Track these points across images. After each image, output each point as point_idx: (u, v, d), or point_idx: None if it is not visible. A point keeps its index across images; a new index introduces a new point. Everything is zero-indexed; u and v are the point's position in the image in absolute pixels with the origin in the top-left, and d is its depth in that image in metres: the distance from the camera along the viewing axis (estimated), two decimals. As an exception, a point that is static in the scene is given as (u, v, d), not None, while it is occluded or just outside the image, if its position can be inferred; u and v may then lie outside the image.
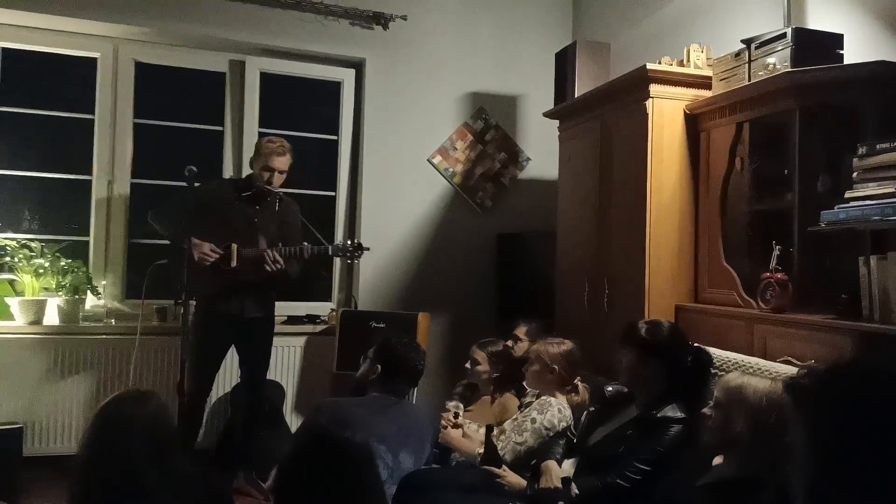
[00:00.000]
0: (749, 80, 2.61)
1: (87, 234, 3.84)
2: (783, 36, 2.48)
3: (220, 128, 4.06)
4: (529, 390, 2.79)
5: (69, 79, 3.96)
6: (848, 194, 2.19)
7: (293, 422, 3.89)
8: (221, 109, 4.09)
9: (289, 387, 3.94)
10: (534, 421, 2.54)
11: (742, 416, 1.76)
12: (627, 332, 2.31)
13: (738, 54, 2.70)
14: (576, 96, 3.48)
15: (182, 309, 2.84)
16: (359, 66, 4.25)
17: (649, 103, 2.88)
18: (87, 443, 1.74)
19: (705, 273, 2.83)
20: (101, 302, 3.77)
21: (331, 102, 4.31)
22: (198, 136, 4.09)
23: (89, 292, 3.66)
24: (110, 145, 3.88)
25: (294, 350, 4.00)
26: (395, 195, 4.20)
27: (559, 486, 2.19)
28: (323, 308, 4.21)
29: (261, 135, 4.10)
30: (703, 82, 2.92)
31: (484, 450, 2.45)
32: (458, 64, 4.33)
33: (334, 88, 4.30)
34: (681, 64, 3.03)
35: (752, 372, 2.07)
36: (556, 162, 3.70)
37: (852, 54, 2.47)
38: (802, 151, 2.39)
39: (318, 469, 1.41)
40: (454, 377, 3.46)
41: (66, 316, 3.61)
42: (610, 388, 2.45)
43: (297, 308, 4.14)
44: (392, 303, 4.16)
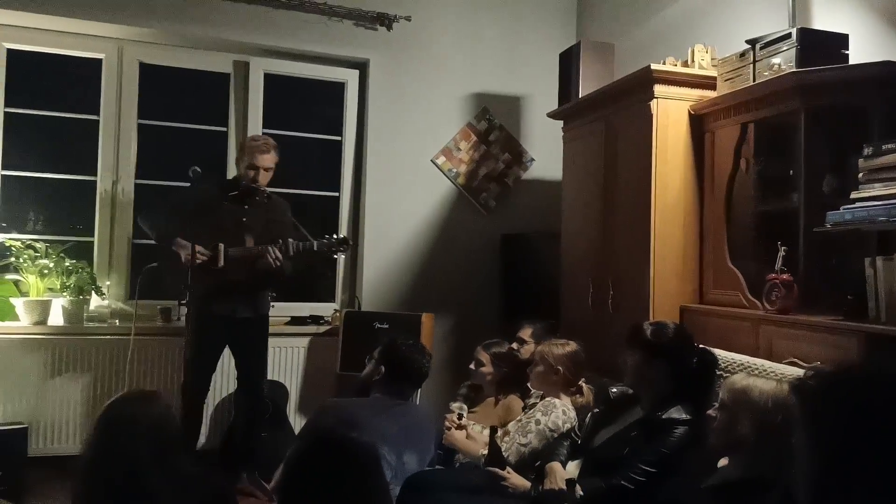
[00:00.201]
0: (754, 81, 2.60)
1: (92, 234, 3.85)
2: (788, 36, 2.47)
3: (224, 129, 4.07)
4: (534, 391, 2.78)
5: (74, 80, 3.97)
6: (854, 195, 2.18)
7: (296, 422, 3.89)
8: (225, 110, 4.10)
9: (292, 387, 3.94)
10: (538, 422, 2.53)
11: (747, 418, 1.76)
12: (632, 333, 2.31)
13: (742, 55, 2.69)
14: (580, 97, 3.48)
15: (186, 309, 2.84)
16: (363, 67, 4.25)
17: (654, 104, 2.88)
18: (92, 443, 1.74)
19: (710, 274, 2.83)
20: (106, 302, 3.78)
21: (334, 103, 4.31)
22: (202, 137, 4.10)
23: (94, 293, 3.67)
24: (115, 146, 3.88)
25: (298, 351, 4.00)
26: (398, 196, 4.20)
27: (563, 487, 2.18)
28: (326, 309, 4.21)
29: (264, 135, 4.12)
30: (707, 83, 2.91)
31: (488, 451, 2.45)
32: (462, 64, 4.33)
33: (338, 89, 4.30)
34: (685, 64, 3.02)
35: (758, 373, 2.06)
36: (560, 162, 3.69)
37: (858, 54, 2.46)
38: (808, 152, 2.38)
39: (323, 469, 1.41)
40: (458, 378, 3.46)
41: (71, 316, 3.61)
42: (615, 390, 2.45)
43: (301, 309, 4.14)
44: (395, 303, 4.15)
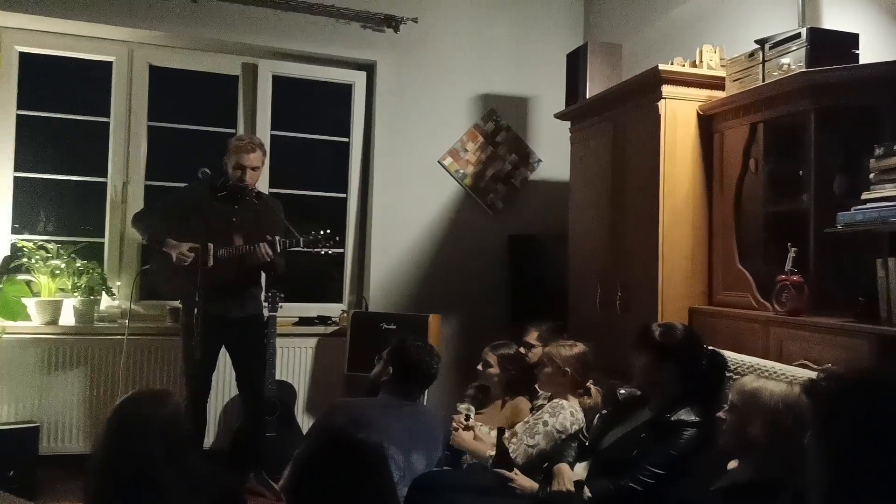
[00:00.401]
0: (763, 81, 2.59)
1: (102, 235, 3.88)
2: (798, 36, 2.46)
3: (233, 130, 4.09)
4: (541, 393, 2.78)
5: (85, 82, 4.00)
6: (865, 195, 2.17)
7: (304, 422, 3.90)
8: (234, 112, 4.12)
9: (300, 387, 3.94)
10: (546, 423, 2.53)
11: (758, 420, 1.75)
12: (641, 334, 2.30)
13: (751, 55, 2.68)
14: (587, 97, 3.47)
15: (196, 310, 2.87)
16: (370, 69, 4.26)
17: (662, 104, 2.87)
18: (103, 442, 1.75)
19: (719, 275, 2.82)
20: (116, 303, 3.80)
21: (342, 105, 4.32)
22: (211, 139, 4.11)
23: (104, 293, 3.69)
24: (125, 148, 3.91)
25: (305, 351, 4.01)
26: (405, 197, 4.21)
27: (572, 489, 2.18)
28: (334, 309, 4.22)
29: (273, 137, 4.15)
30: (716, 83, 2.90)
31: (495, 452, 2.45)
32: (469, 65, 4.33)
33: (345, 91, 4.32)
34: (693, 65, 3.01)
35: (768, 375, 2.05)
36: (568, 163, 3.69)
37: (868, 54, 2.44)
38: (818, 152, 2.37)
39: (331, 469, 1.41)
40: (466, 379, 3.45)
41: (82, 316, 3.64)
42: (623, 391, 2.44)
43: (309, 309, 4.16)
44: (403, 304, 4.16)
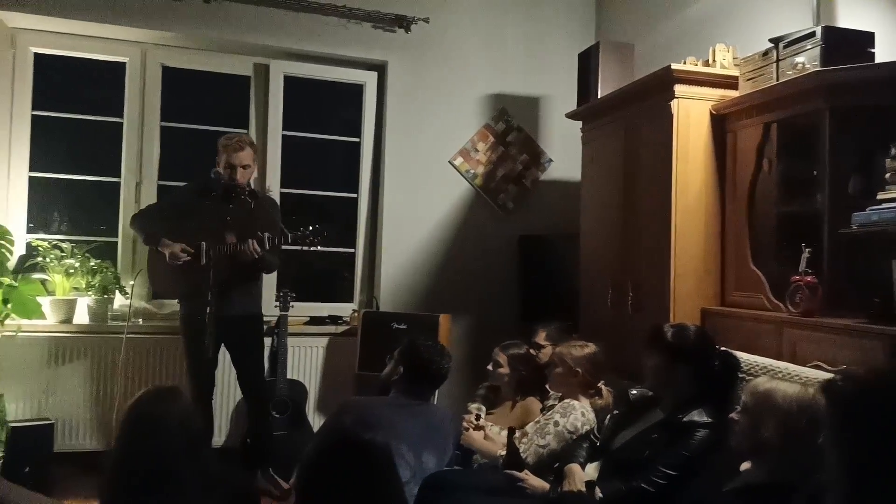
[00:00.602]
0: (777, 80, 2.57)
1: (116, 235, 3.91)
2: (812, 35, 2.44)
3: (245, 130, 4.10)
4: (552, 393, 2.77)
5: (98, 83, 4.03)
6: (880, 195, 2.15)
7: (315, 421, 3.91)
8: (246, 112, 4.14)
9: (311, 387, 3.96)
10: (556, 424, 2.52)
11: (771, 422, 1.74)
12: (653, 335, 2.29)
13: (765, 53, 2.66)
14: (599, 97, 3.46)
15: (209, 308, 2.89)
16: (381, 69, 4.27)
17: (674, 104, 2.85)
18: (119, 439, 1.77)
19: (732, 276, 2.80)
20: (129, 301, 3.83)
21: (353, 105, 4.34)
22: (223, 139, 4.14)
23: (117, 292, 3.73)
24: (138, 148, 3.94)
25: (317, 350, 4.03)
26: (416, 197, 4.21)
27: (583, 489, 2.18)
28: (345, 309, 4.23)
29: (284, 137, 4.17)
30: (729, 82, 2.88)
31: (506, 452, 2.45)
32: (480, 65, 4.32)
33: (356, 91, 4.33)
34: (706, 64, 2.99)
35: (782, 377, 2.04)
36: (579, 163, 3.68)
37: (884, 53, 2.42)
38: (833, 152, 2.35)
39: (338, 469, 1.42)
40: (476, 379, 3.46)
41: (96, 315, 3.68)
42: (634, 392, 2.43)
43: (320, 309, 4.17)
44: (413, 304, 4.17)
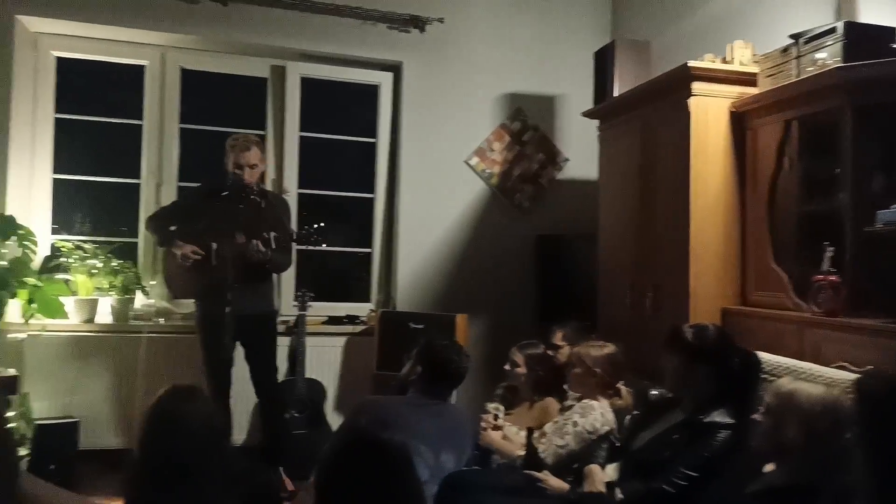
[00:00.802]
0: (797, 77, 2.54)
1: (137, 235, 3.96)
2: (833, 30, 2.41)
3: (262, 132, 4.13)
4: (571, 393, 2.76)
5: (119, 86, 4.09)
6: (904, 193, 2.12)
7: (334, 421, 3.93)
8: (263, 114, 4.17)
9: (330, 386, 3.98)
10: (575, 424, 2.52)
11: (794, 423, 1.73)
12: (672, 336, 2.27)
13: (785, 50, 2.63)
14: (616, 95, 3.45)
15: (228, 308, 2.92)
16: (396, 70, 4.28)
17: (692, 101, 2.83)
18: (142, 437, 1.79)
19: (753, 275, 2.77)
20: (151, 301, 3.88)
21: (369, 106, 4.35)
22: (241, 140, 4.17)
23: (139, 292, 3.77)
24: (158, 150, 3.99)
25: (334, 350, 4.05)
26: (432, 197, 4.22)
27: (603, 490, 2.17)
28: (362, 309, 4.25)
29: (301, 139, 4.19)
30: (748, 79, 2.85)
31: (525, 452, 2.44)
32: (496, 65, 4.32)
33: (372, 92, 4.34)
34: (724, 61, 2.97)
35: (805, 377, 2.02)
36: (596, 162, 3.67)
37: (907, 49, 2.38)
38: (855, 149, 2.32)
39: (356, 469, 1.43)
40: (494, 379, 3.45)
41: (118, 315, 3.73)
42: (654, 392, 2.42)
43: (337, 309, 4.19)
44: (430, 304, 4.17)
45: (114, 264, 3.72)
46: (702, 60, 2.94)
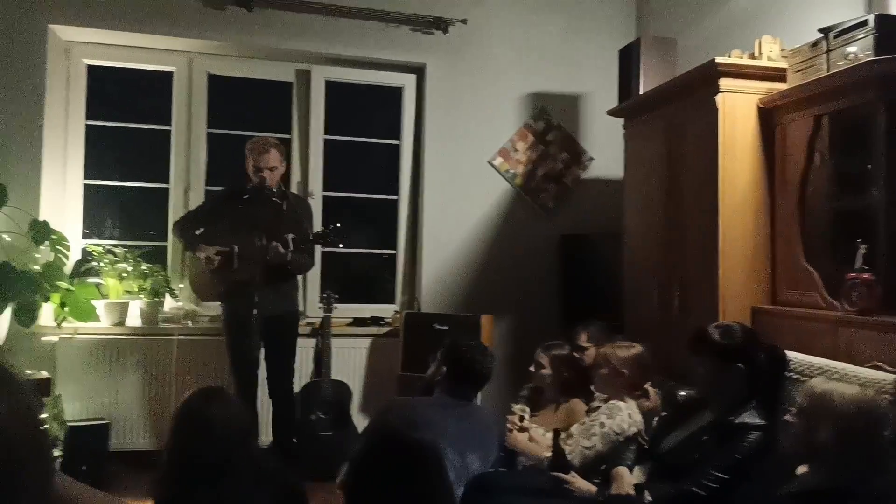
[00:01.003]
0: (828, 72, 2.49)
1: (165, 239, 4.02)
2: (864, 23, 2.35)
3: (288, 136, 4.17)
4: (597, 395, 2.74)
5: (147, 92, 4.16)
6: (940, 189, 2.07)
7: (360, 422, 3.94)
8: (289, 117, 4.21)
9: (355, 388, 4.00)
10: (602, 425, 2.49)
11: (828, 424, 1.69)
12: (698, 338, 2.22)
13: (815, 44, 2.58)
14: (641, 93, 3.41)
15: (255, 311, 2.95)
16: (420, 71, 4.29)
17: (719, 98, 2.80)
18: (171, 438, 1.82)
19: (783, 274, 2.72)
20: (179, 304, 3.94)
21: (393, 108, 4.37)
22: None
23: (167, 295, 3.83)
24: (186, 154, 4.05)
25: (359, 352, 4.06)
26: (456, 198, 4.22)
27: (632, 492, 2.14)
28: (387, 310, 4.26)
29: (326, 142, 4.23)
30: (776, 75, 2.81)
31: (552, 454, 2.43)
32: (519, 65, 4.31)
33: (396, 94, 4.36)
34: (752, 57, 2.92)
35: (839, 378, 1.97)
36: (621, 161, 3.63)
37: (942, 40, 2.32)
38: (887, 144, 2.26)
39: (388, 468, 1.43)
40: (519, 380, 3.44)
41: (147, 317, 3.79)
42: (682, 393, 2.39)
43: (362, 310, 4.21)
44: (454, 305, 4.17)
45: (143, 268, 3.78)
46: (729, 56, 2.90)
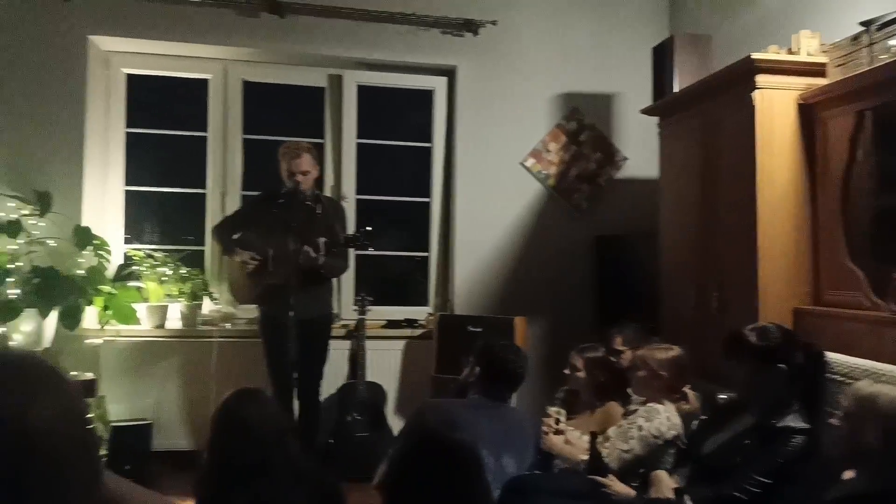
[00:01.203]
0: (870, 66, 2.42)
1: (203, 243, 4.10)
2: (909, 15, 2.29)
3: (321, 140, 4.22)
4: (635, 397, 2.70)
5: (184, 100, 4.25)
6: None
7: (395, 424, 3.96)
8: (321, 122, 4.25)
9: (390, 389, 4.01)
10: (640, 428, 2.46)
11: (875, 427, 1.65)
12: (735, 342, 2.17)
13: (856, 38, 2.52)
14: (676, 91, 3.37)
15: (292, 312, 2.99)
16: (450, 74, 4.30)
17: (757, 95, 2.74)
18: (212, 439, 1.86)
19: (826, 274, 2.66)
20: (218, 307, 4.01)
21: (424, 110, 4.38)
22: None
23: (206, 298, 3.91)
24: (222, 160, 4.13)
25: (394, 353, 4.08)
26: (488, 200, 4.21)
27: (671, 496, 2.11)
28: (420, 312, 4.28)
29: (358, 145, 4.26)
30: (816, 70, 2.75)
31: (589, 457, 2.40)
32: (550, 65, 4.29)
33: (427, 97, 4.37)
34: (790, 52, 2.86)
35: (886, 380, 1.92)
36: (656, 160, 3.59)
37: None
38: (936, 139, 2.19)
39: (428, 469, 1.43)
40: (553, 382, 3.41)
41: (186, 320, 3.87)
42: (723, 396, 2.34)
43: (396, 313, 4.23)
44: (488, 307, 4.16)
45: (182, 272, 3.86)
46: (766, 52, 2.85)
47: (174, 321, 3.90)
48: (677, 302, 3.27)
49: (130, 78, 4.07)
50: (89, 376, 3.50)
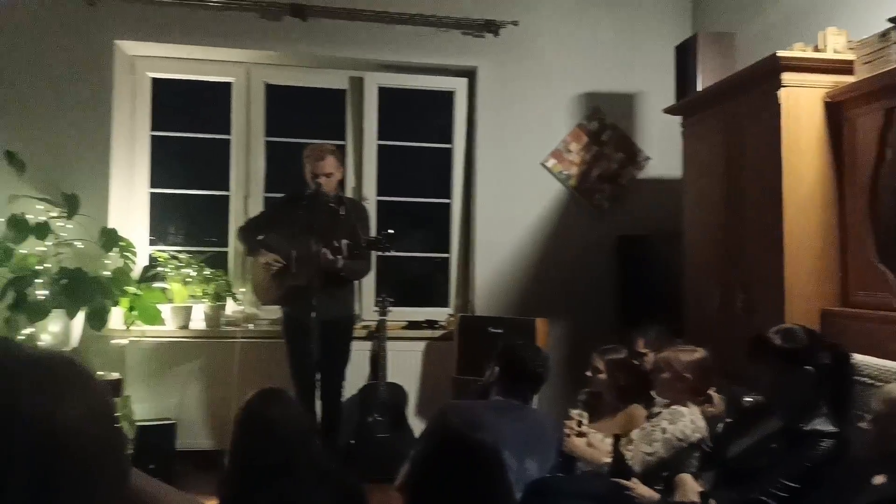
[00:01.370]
0: (900, 62, 2.38)
1: (227, 245, 4.15)
2: (941, 10, 2.24)
3: (343, 142, 4.24)
4: (658, 399, 2.68)
5: (208, 103, 4.30)
6: None
7: (416, 425, 3.96)
8: (343, 124, 4.28)
9: (411, 390, 4.02)
10: (664, 431, 2.43)
11: (907, 431, 1.61)
12: (760, 345, 2.13)
13: (884, 35, 2.48)
14: (699, 90, 3.33)
15: (314, 313, 3.01)
16: (471, 75, 4.29)
17: (782, 93, 2.70)
18: (235, 439, 1.87)
19: (854, 274, 2.61)
20: (241, 308, 4.05)
21: (444, 111, 4.39)
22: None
23: (230, 299, 3.95)
24: (245, 163, 4.17)
25: (415, 355, 4.09)
26: (509, 200, 4.20)
27: (696, 500, 2.09)
28: (441, 313, 4.28)
29: (379, 147, 4.28)
30: (843, 67, 2.70)
31: (612, 460, 2.38)
32: (571, 65, 4.26)
33: (447, 98, 4.37)
34: (816, 49, 2.81)
35: (917, 383, 1.88)
36: (678, 160, 3.55)
37: None
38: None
39: (451, 469, 1.43)
40: (575, 384, 3.39)
41: (210, 321, 3.92)
42: (748, 399, 2.31)
43: (417, 314, 4.24)
44: (509, 308, 4.15)
45: (206, 273, 3.91)
46: (791, 50, 2.80)
47: (198, 322, 3.95)
48: (701, 303, 3.24)
49: (155, 82, 4.13)
50: (115, 376, 3.55)
